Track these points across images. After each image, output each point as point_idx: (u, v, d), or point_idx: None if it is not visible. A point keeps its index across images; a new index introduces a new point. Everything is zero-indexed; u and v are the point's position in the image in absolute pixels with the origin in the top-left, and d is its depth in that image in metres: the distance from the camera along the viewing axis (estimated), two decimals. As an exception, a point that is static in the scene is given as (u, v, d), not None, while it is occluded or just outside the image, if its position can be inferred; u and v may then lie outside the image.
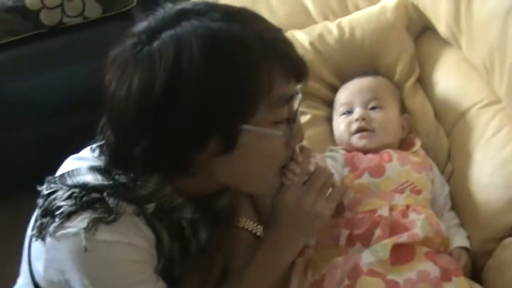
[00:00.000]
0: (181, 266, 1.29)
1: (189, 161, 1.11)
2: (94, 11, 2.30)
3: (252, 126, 1.08)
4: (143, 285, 1.17)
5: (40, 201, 1.20)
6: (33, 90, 2.25)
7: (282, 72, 1.09)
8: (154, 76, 1.04)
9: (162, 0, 1.87)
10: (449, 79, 1.60)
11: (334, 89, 1.63)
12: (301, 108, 1.49)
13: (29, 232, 1.27)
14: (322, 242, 1.35)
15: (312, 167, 1.26)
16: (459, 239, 1.41)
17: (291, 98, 1.12)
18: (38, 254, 1.20)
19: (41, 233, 1.16)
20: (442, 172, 1.51)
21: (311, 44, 1.65)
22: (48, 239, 1.14)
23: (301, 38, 1.66)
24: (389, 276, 1.24)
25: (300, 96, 1.17)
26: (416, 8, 1.68)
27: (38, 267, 1.21)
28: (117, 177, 1.16)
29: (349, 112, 1.52)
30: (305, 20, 1.77)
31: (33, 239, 1.19)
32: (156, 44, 1.06)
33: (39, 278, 1.25)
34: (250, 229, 1.36)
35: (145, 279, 1.18)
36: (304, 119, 1.57)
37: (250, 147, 1.11)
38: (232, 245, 1.36)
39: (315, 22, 1.76)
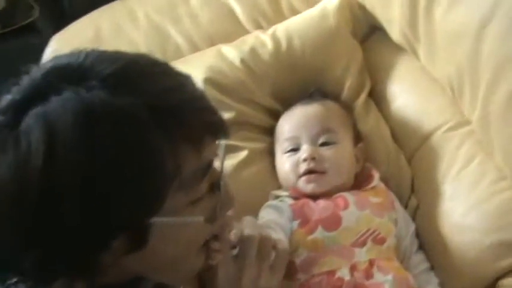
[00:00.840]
0: None
1: (92, 264, 0.89)
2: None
3: (163, 218, 0.86)
4: None
5: None
6: None
7: (190, 145, 0.86)
8: (24, 172, 0.80)
9: (67, 8, 1.63)
10: (406, 94, 1.38)
11: (274, 114, 1.38)
12: (235, 143, 1.29)
13: None
14: None
15: (232, 237, 1.03)
16: None
17: (208, 168, 0.90)
18: None
19: None
20: (406, 206, 1.32)
21: (242, 61, 1.39)
22: None
23: (230, 55, 1.40)
24: None
25: (222, 152, 0.95)
26: (362, 8, 1.43)
27: None
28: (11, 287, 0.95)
29: (295, 149, 1.28)
30: (233, 28, 1.50)
31: None
32: (23, 126, 0.81)
33: None
34: None
35: None
36: (240, 156, 1.34)
37: (165, 239, 0.90)
38: None
39: (245, 29, 1.50)
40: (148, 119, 0.82)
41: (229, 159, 1.32)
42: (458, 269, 1.20)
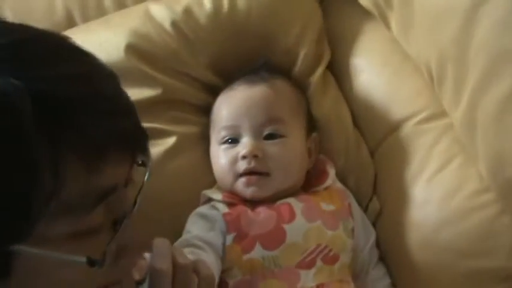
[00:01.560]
0: None
1: None
2: None
3: (30, 248, 0.68)
4: None
5: None
6: None
7: (82, 158, 0.67)
8: None
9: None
10: (374, 70, 1.15)
11: (211, 90, 1.14)
12: (161, 126, 1.09)
13: None
14: None
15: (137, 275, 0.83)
16: None
17: (107, 194, 0.70)
18: None
19: None
20: (366, 209, 1.12)
21: (174, 25, 1.12)
22: None
23: (159, 16, 1.13)
24: None
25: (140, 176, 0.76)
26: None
27: None
28: None
29: (234, 141, 1.04)
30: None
31: None
32: None
33: None
34: None
35: None
36: (167, 143, 1.11)
37: (35, 276, 0.72)
38: None
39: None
40: (28, 110, 0.63)
41: (154, 147, 1.09)
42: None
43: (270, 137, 1.03)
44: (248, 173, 1.02)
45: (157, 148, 1.09)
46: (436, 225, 1.01)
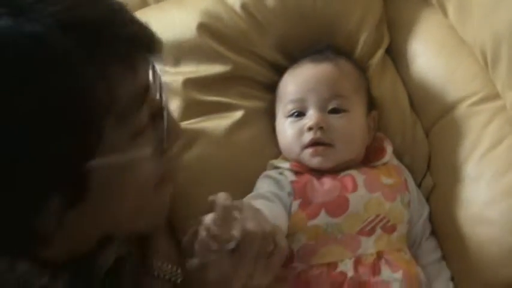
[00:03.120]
0: None
1: (30, 232, 0.79)
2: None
3: (104, 159, 0.76)
4: None
5: None
6: None
7: (120, 64, 0.77)
8: None
9: None
10: (431, 54, 1.20)
11: (277, 69, 1.21)
12: (229, 100, 1.18)
13: None
14: None
15: (237, 232, 0.90)
16: (441, 284, 1.11)
17: (145, 92, 0.81)
18: None
19: None
20: (420, 185, 1.18)
21: (243, 7, 1.19)
22: None
23: (230, 0, 1.20)
24: None
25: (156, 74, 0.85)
26: None
27: None
28: None
29: (300, 114, 1.11)
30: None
31: None
32: None
33: None
34: (167, 277, 1.07)
35: None
36: (235, 116, 1.19)
37: (110, 184, 0.81)
38: None
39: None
40: (64, 41, 0.71)
41: (221, 120, 1.18)
42: (473, 266, 1.08)
43: (334, 111, 1.10)
44: (314, 143, 1.08)
45: (225, 120, 1.17)
46: (486, 201, 1.07)
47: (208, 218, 0.91)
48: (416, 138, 1.19)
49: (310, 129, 1.09)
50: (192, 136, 1.14)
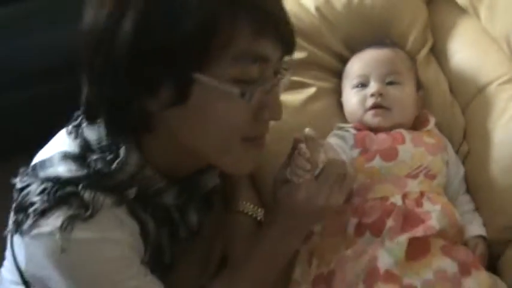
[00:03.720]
0: (171, 253, 1.23)
1: (144, 111, 1.03)
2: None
3: (206, 77, 0.98)
4: (131, 282, 1.11)
5: (15, 195, 1.13)
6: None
7: (249, 24, 0.97)
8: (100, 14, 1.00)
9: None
10: (466, 50, 1.48)
11: (342, 59, 1.51)
12: (305, 80, 1.42)
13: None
14: (328, 229, 1.28)
15: (322, 159, 1.16)
16: (475, 227, 1.32)
17: (261, 59, 1.01)
18: (18, 248, 1.13)
19: (17, 230, 1.09)
20: (457, 152, 1.42)
21: (317, 9, 1.52)
22: (25, 238, 1.07)
23: (306, 3, 1.53)
24: (406, 280, 1.17)
25: (282, 70, 1.08)
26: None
27: (20, 258, 1.14)
28: (92, 163, 1.08)
29: (364, 85, 1.39)
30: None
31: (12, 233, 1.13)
32: None
33: (23, 268, 1.18)
34: (250, 213, 1.31)
35: (132, 275, 1.12)
36: (309, 91, 1.48)
37: (204, 101, 1.01)
38: (232, 230, 1.31)
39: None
40: None
41: (298, 94, 1.46)
42: (500, 207, 1.30)
43: (391, 83, 1.37)
44: (375, 106, 1.35)
45: (301, 95, 1.46)
46: (509, 155, 1.30)
47: (302, 146, 1.17)
48: (454, 115, 1.44)
49: (372, 95, 1.36)
50: None
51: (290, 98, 1.43)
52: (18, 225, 1.08)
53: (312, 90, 1.47)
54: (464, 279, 1.19)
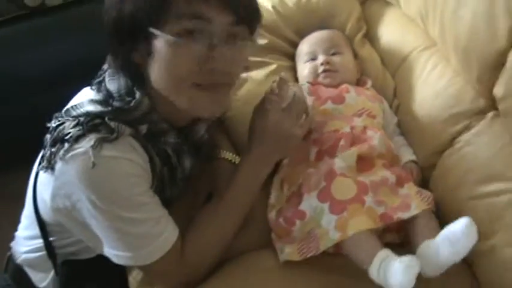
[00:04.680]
0: (171, 190, 1.45)
1: (134, 64, 1.32)
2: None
3: (158, 31, 1.24)
4: (143, 197, 1.32)
5: (47, 136, 1.35)
6: (17, 67, 2.39)
7: None
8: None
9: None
10: (391, 31, 1.88)
11: (295, 45, 1.88)
12: (267, 59, 1.78)
13: (35, 169, 1.44)
14: (294, 160, 1.57)
15: (290, 95, 1.49)
16: (407, 154, 1.64)
17: (197, 17, 1.24)
18: (45, 185, 1.35)
19: (50, 163, 1.30)
20: (391, 106, 1.77)
21: (273, 7, 1.92)
22: (58, 165, 1.28)
23: (264, 3, 1.93)
24: (359, 178, 1.44)
25: (246, 36, 1.33)
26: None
27: (45, 197, 1.35)
28: (114, 103, 1.33)
29: (313, 59, 1.77)
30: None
31: (42, 171, 1.34)
32: None
33: (44, 210, 1.42)
34: (230, 159, 1.58)
35: (143, 192, 1.33)
36: (270, 68, 1.82)
37: (160, 52, 1.26)
38: (215, 172, 1.56)
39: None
40: None
41: (262, 70, 1.81)
42: (426, 139, 1.62)
43: (334, 54, 1.75)
44: (325, 70, 1.72)
45: (264, 71, 1.79)
46: (431, 97, 1.62)
47: (273, 85, 1.50)
48: (386, 79, 1.81)
49: (322, 64, 1.73)
50: (244, 79, 1.76)
51: (255, 73, 1.79)
52: (52, 157, 1.29)
53: (273, 67, 1.82)
54: (399, 189, 1.46)
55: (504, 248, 1.34)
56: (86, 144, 1.26)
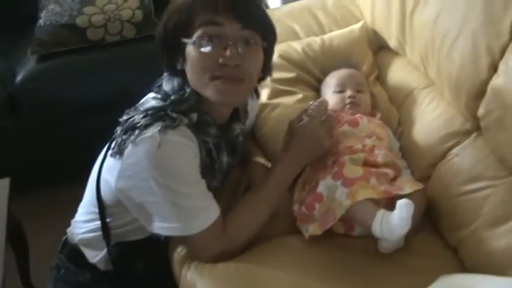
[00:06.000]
0: (211, 180, 1.63)
1: (178, 70, 1.58)
2: (130, 32, 2.79)
3: (187, 39, 1.52)
4: (196, 176, 1.55)
5: (119, 128, 1.57)
6: (74, 92, 2.69)
7: (202, 8, 1.52)
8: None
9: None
10: (398, 75, 2.25)
11: (318, 79, 2.25)
12: (295, 89, 2.14)
13: (101, 156, 1.68)
14: (315, 166, 1.87)
15: (327, 112, 1.88)
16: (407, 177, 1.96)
17: (213, 24, 1.52)
18: (111, 169, 1.56)
19: (120, 148, 1.51)
20: (395, 133, 2.08)
21: (303, 49, 2.28)
22: (128, 149, 1.48)
23: (295, 46, 2.30)
24: (364, 167, 1.81)
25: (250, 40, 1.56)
26: (374, 31, 2.39)
27: (109, 179, 1.57)
28: (172, 97, 1.58)
29: (341, 91, 2.09)
30: (294, 37, 2.44)
31: (111, 157, 1.55)
32: None
33: (105, 192, 1.63)
34: (263, 163, 1.88)
35: (197, 172, 1.55)
36: (297, 96, 2.17)
37: (189, 56, 1.53)
38: (251, 172, 1.85)
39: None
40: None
41: (290, 98, 2.16)
42: (423, 155, 1.96)
43: (359, 91, 2.09)
44: (351, 102, 2.05)
45: (292, 98, 2.13)
46: (427, 123, 1.97)
47: (315, 103, 1.86)
48: (392, 111, 2.17)
49: (349, 97, 2.07)
50: (276, 104, 2.13)
51: (285, 100, 2.15)
52: (122, 143, 1.49)
53: (299, 96, 2.15)
54: (394, 181, 1.82)
55: (483, 231, 1.67)
56: (153, 130, 1.47)
